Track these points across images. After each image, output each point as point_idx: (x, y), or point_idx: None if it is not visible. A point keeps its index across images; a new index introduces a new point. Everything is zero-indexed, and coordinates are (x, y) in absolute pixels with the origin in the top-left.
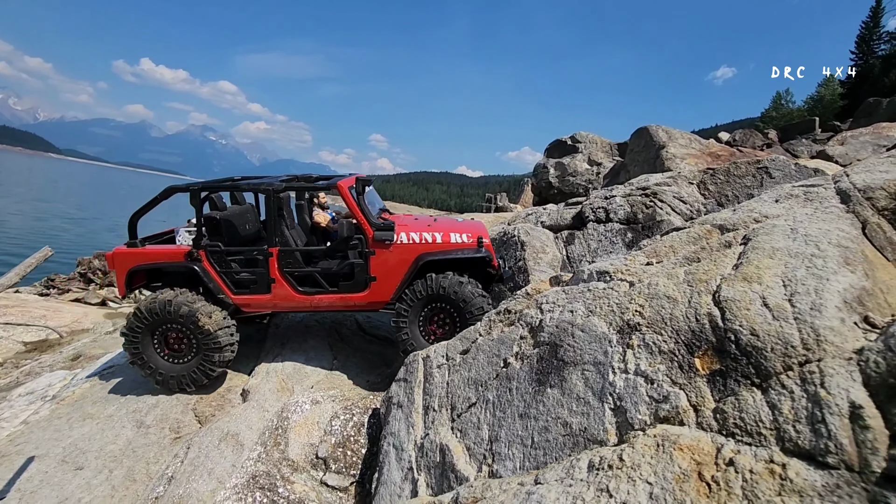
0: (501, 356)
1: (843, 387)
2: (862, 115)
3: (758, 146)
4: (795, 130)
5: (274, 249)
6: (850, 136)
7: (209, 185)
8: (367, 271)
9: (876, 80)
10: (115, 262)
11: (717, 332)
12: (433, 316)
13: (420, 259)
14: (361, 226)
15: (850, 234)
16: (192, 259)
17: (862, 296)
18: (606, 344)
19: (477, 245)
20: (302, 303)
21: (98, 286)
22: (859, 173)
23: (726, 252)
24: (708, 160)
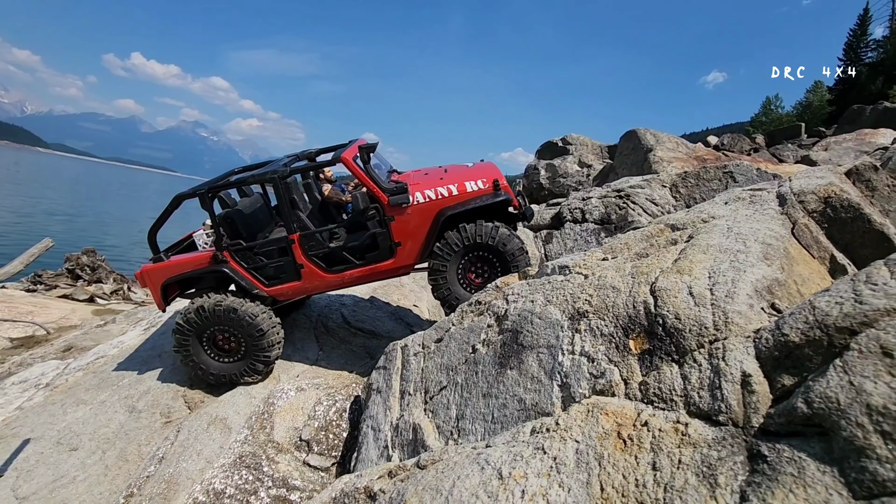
0: (470, 343)
1: (739, 359)
2: (846, 121)
3: (745, 150)
4: (782, 136)
5: (294, 236)
6: (834, 142)
7: (216, 187)
8: (390, 238)
9: (862, 87)
10: (147, 279)
11: (650, 317)
12: (471, 266)
13: (441, 215)
14: (375, 194)
15: (778, 233)
16: (219, 262)
17: (772, 286)
18: (559, 329)
19: (494, 189)
20: (333, 281)
21: (86, 282)
22: (799, 179)
23: (671, 249)
24: (694, 164)
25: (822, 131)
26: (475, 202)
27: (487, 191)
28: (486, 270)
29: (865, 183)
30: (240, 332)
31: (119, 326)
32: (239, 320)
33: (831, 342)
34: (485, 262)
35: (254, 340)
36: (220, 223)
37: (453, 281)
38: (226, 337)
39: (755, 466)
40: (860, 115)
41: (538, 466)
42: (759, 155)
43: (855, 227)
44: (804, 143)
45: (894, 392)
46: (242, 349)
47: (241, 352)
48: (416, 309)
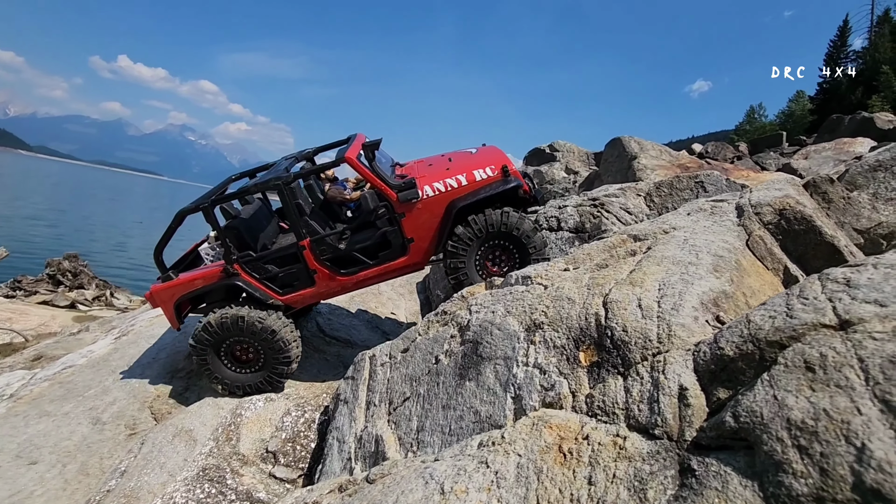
0: (434, 354)
1: (677, 372)
2: (826, 130)
3: (728, 158)
4: (765, 144)
5: (304, 241)
6: (814, 151)
7: (219, 199)
8: (402, 235)
9: (843, 96)
10: (158, 300)
11: (600, 329)
12: (488, 257)
13: (452, 207)
14: (383, 192)
15: (732, 244)
16: (230, 275)
17: (719, 298)
18: (515, 340)
19: (503, 176)
20: (347, 284)
21: (67, 288)
22: (758, 191)
23: (628, 260)
24: (678, 171)
25: (803, 140)
26: (485, 191)
27: (497, 178)
28: (505, 259)
29: (822, 195)
30: (259, 344)
31: (92, 335)
32: (261, 333)
33: (763, 356)
34: (502, 250)
35: (274, 353)
36: (225, 235)
37: (474, 276)
38: (244, 348)
39: (684, 481)
40: (839, 124)
41: (480, 481)
42: (742, 163)
43: (807, 239)
44: (786, 151)
45: (813, 407)
46: (261, 360)
47: (259, 362)
48: (393, 317)
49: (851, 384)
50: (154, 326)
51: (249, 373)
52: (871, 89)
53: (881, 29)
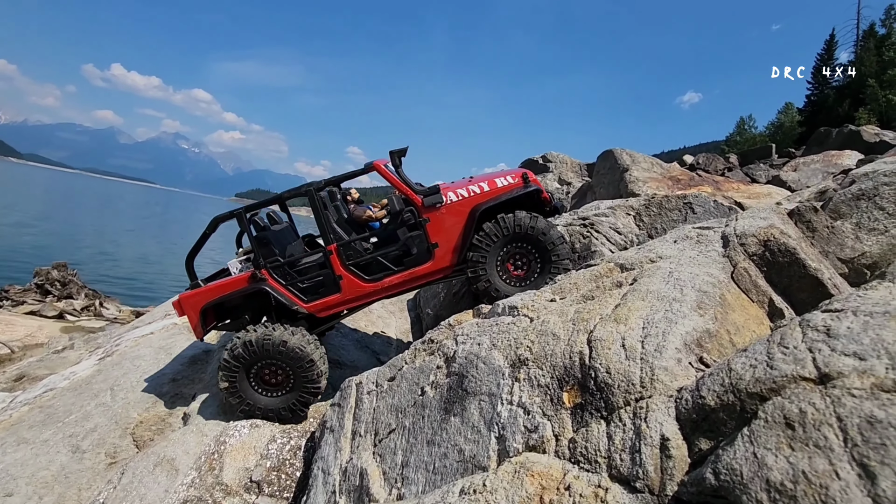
0: (420, 384)
1: (659, 421)
2: (814, 143)
3: (719, 170)
4: (754, 155)
5: (332, 247)
6: (803, 163)
7: (252, 206)
8: (427, 240)
9: (830, 109)
10: (185, 306)
11: (584, 368)
12: (510, 258)
13: (475, 211)
14: (409, 197)
15: (717, 278)
16: (258, 280)
17: (703, 338)
18: (500, 376)
19: (524, 182)
20: (373, 291)
21: (56, 298)
22: (743, 220)
23: (613, 292)
24: (669, 184)
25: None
26: (507, 195)
27: (518, 184)
28: (527, 263)
29: (806, 224)
30: (288, 365)
31: (77, 353)
32: (288, 352)
33: (743, 408)
34: (525, 253)
35: (303, 372)
36: (256, 243)
37: (493, 273)
38: (272, 371)
39: None
40: (827, 137)
41: None
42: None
43: (791, 271)
44: (775, 163)
45: (793, 468)
46: (291, 382)
47: (289, 385)
48: (383, 334)
49: (830, 445)
50: (139, 347)
51: (277, 396)
52: (858, 102)
53: (867, 43)
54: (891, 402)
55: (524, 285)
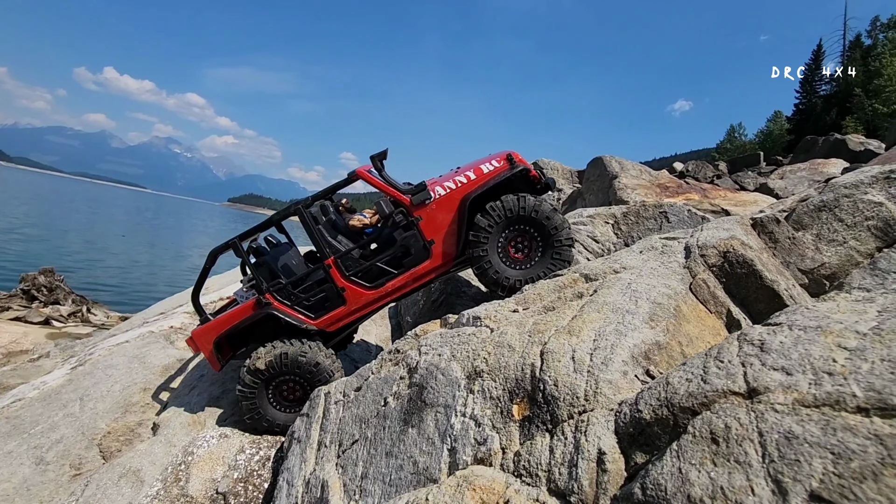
0: (383, 395)
1: (598, 434)
2: (801, 150)
3: (708, 177)
4: (743, 163)
5: (329, 260)
6: (789, 171)
7: (244, 234)
8: (422, 238)
9: (818, 118)
10: (199, 342)
11: (534, 381)
12: (510, 243)
13: (465, 201)
14: (396, 199)
15: (674, 289)
16: (263, 305)
17: (651, 350)
18: (456, 388)
19: (509, 165)
20: (378, 297)
21: (42, 304)
22: (706, 231)
23: (573, 304)
24: (657, 191)
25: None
26: (495, 180)
27: (504, 167)
28: (527, 245)
29: (769, 235)
30: (305, 380)
31: (52, 361)
32: (307, 366)
33: (676, 422)
34: (523, 235)
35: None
36: (256, 270)
37: (498, 262)
38: (291, 387)
39: None
40: (813, 145)
41: None
42: (721, 181)
43: (749, 282)
44: (763, 170)
45: (712, 483)
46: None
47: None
48: (363, 343)
49: (749, 461)
50: (113, 356)
51: (296, 412)
52: (845, 111)
53: (853, 53)
54: (809, 418)
55: (528, 267)
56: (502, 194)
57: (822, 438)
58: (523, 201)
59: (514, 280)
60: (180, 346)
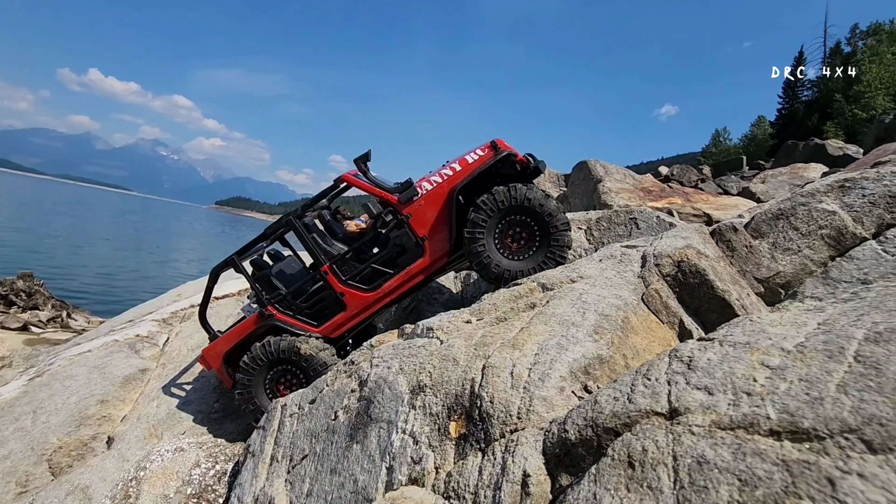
0: (334, 409)
1: (525, 455)
2: (782, 155)
3: (693, 181)
4: (726, 167)
5: (325, 267)
6: (771, 175)
7: (241, 251)
8: (414, 235)
9: (800, 122)
10: (209, 360)
11: (473, 397)
12: (506, 235)
13: (452, 193)
14: (384, 198)
15: (625, 300)
16: (266, 317)
17: (591, 365)
18: (400, 403)
19: (494, 151)
20: (377, 299)
21: (20, 309)
22: (664, 239)
23: (524, 315)
24: (641, 195)
25: (762, 164)
26: (480, 168)
27: (489, 155)
28: (525, 235)
29: (726, 243)
30: (302, 373)
31: (14, 371)
32: (306, 359)
33: (600, 443)
34: (520, 226)
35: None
36: (257, 283)
37: (498, 256)
38: (288, 379)
39: None
40: (794, 150)
41: None
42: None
43: (701, 292)
44: (746, 174)
45: None
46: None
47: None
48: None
49: (661, 486)
50: (73, 366)
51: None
52: (826, 116)
53: (833, 59)
54: (722, 442)
55: (528, 256)
56: (492, 183)
57: (732, 464)
58: (514, 191)
59: (516, 271)
60: (146, 356)
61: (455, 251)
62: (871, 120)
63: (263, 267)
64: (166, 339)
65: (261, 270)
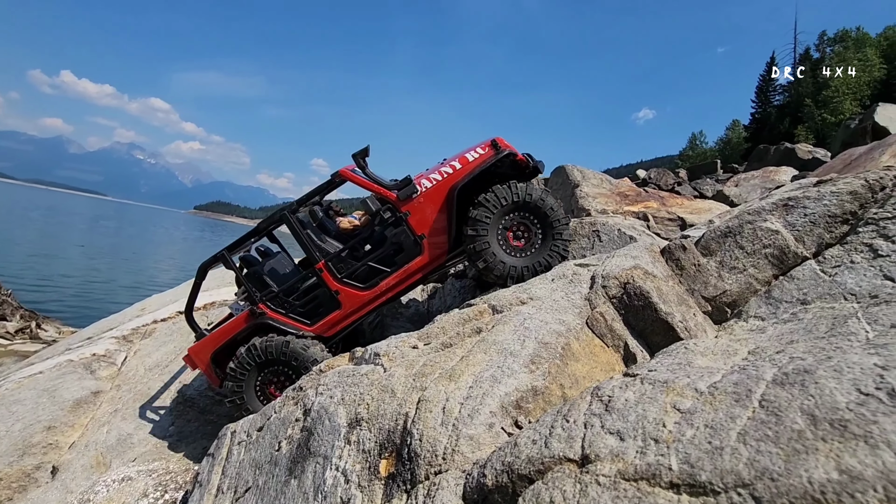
0: (279, 438)
1: (444, 500)
2: (755, 158)
3: (669, 184)
4: (701, 171)
5: (320, 264)
6: (744, 179)
7: (232, 246)
8: (412, 233)
9: (773, 126)
10: (196, 359)
11: (404, 434)
12: (507, 232)
13: (453, 191)
14: (382, 195)
15: (568, 325)
16: (257, 315)
17: (524, 398)
18: (336, 437)
19: (495, 150)
20: (372, 298)
21: None
22: (614, 258)
23: (467, 342)
24: (617, 199)
25: (736, 167)
26: (481, 167)
27: (489, 154)
28: (527, 232)
29: (675, 262)
30: (294, 372)
31: None
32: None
33: (514, 491)
34: (521, 224)
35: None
36: (248, 280)
37: (502, 254)
38: (280, 380)
39: None
40: (766, 153)
41: None
42: (682, 188)
43: (646, 314)
44: (720, 178)
45: None
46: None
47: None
48: None
49: None
50: (21, 389)
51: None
52: (797, 120)
53: (803, 65)
54: (625, 494)
55: (531, 254)
56: (491, 182)
57: None
58: (515, 188)
59: (521, 269)
60: (102, 375)
61: (453, 249)
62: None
63: (253, 263)
64: (124, 357)
65: (251, 267)
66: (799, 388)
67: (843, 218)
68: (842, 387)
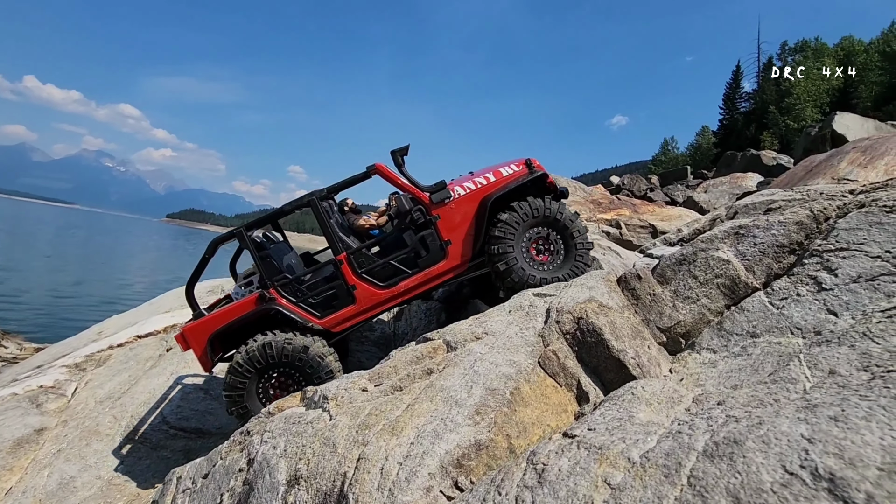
0: (221, 490)
1: None
2: (723, 165)
3: (642, 190)
4: (673, 177)
5: (342, 256)
6: (712, 185)
7: (251, 224)
8: (439, 237)
9: (740, 132)
10: (190, 339)
11: (340, 498)
12: (532, 244)
13: (485, 202)
14: (415, 196)
15: (518, 366)
16: (267, 300)
17: (467, 455)
18: (275, 496)
19: (529, 170)
20: (389, 297)
21: None
22: (570, 289)
23: (415, 386)
24: (591, 206)
25: (705, 174)
26: (515, 183)
27: (523, 172)
28: (547, 247)
29: (631, 291)
30: (302, 375)
31: None
32: (308, 360)
33: None
34: (544, 238)
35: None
36: (260, 262)
37: (524, 261)
38: (283, 381)
39: None
40: (733, 160)
41: None
42: (654, 194)
43: (598, 351)
44: (690, 184)
45: None
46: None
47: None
48: None
49: None
50: None
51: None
52: (763, 126)
53: (767, 74)
54: None
55: (552, 269)
56: (516, 199)
57: None
58: (548, 203)
59: (539, 280)
60: (49, 409)
61: (476, 258)
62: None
63: (264, 247)
64: (75, 388)
65: (261, 250)
66: (727, 462)
67: (790, 248)
68: (768, 462)
